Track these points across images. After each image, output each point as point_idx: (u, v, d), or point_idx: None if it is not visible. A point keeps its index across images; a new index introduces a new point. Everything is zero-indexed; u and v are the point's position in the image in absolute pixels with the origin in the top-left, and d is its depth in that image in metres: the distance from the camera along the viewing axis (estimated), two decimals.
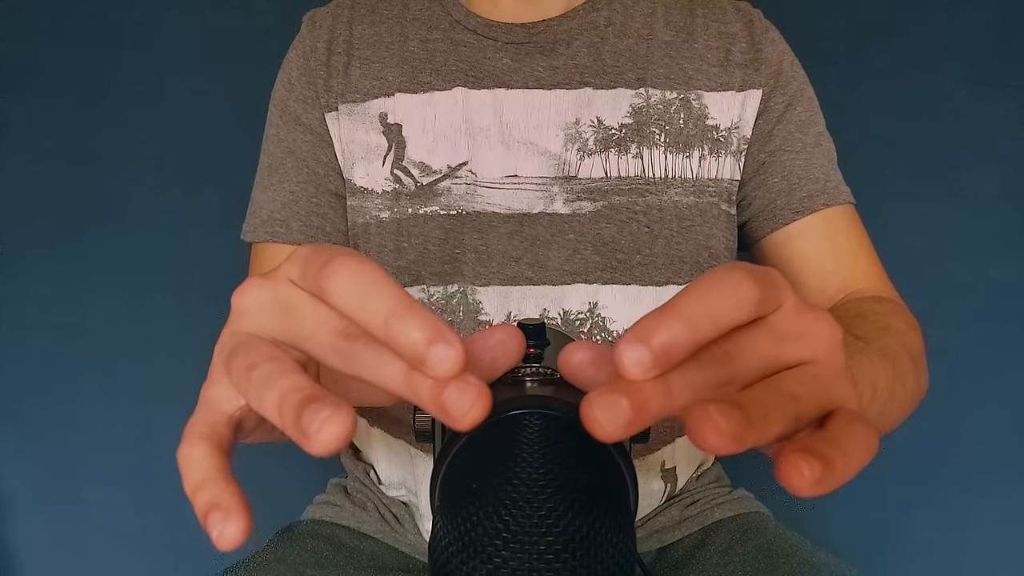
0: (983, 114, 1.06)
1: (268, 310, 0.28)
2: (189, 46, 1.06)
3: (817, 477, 0.23)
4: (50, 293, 1.07)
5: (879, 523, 1.10)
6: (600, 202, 0.64)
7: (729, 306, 0.25)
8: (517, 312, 0.63)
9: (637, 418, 0.23)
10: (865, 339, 0.46)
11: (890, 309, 0.59)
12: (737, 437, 0.22)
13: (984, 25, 1.05)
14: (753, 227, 0.68)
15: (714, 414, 0.22)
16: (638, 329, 0.24)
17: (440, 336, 0.23)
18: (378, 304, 0.24)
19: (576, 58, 0.66)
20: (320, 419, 0.23)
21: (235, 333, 0.28)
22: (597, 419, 0.23)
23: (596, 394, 0.23)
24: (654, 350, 0.23)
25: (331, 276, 0.25)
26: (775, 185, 0.66)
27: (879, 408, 0.41)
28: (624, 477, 0.28)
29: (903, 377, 0.47)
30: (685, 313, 0.24)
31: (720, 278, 0.25)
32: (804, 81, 0.69)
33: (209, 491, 0.25)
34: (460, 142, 0.65)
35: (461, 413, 0.24)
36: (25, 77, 1.06)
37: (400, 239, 0.64)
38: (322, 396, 0.24)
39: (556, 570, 0.24)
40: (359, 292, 0.25)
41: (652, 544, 0.67)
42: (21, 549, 1.11)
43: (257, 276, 0.29)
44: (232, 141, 1.04)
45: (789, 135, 0.66)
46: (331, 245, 0.28)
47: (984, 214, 1.07)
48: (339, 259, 0.25)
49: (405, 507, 0.70)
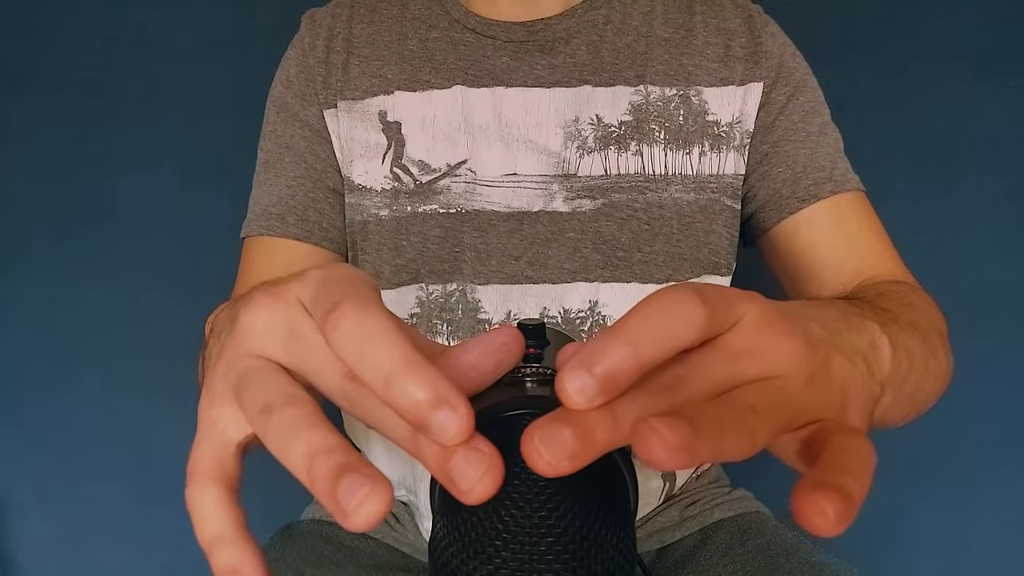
0: (983, 114, 1.06)
1: (276, 335, 0.26)
2: (188, 46, 1.06)
3: (841, 512, 0.21)
4: (50, 293, 1.07)
5: (879, 523, 1.10)
6: (600, 200, 0.64)
7: (676, 328, 0.23)
8: (517, 311, 0.63)
9: (582, 450, 0.22)
10: (892, 312, 0.44)
11: (910, 290, 0.57)
12: (686, 449, 0.21)
13: (984, 25, 1.05)
14: (760, 218, 0.68)
15: (658, 427, 0.21)
16: (581, 356, 0.22)
17: (443, 400, 0.22)
18: (380, 360, 0.22)
19: (575, 56, 0.66)
20: (359, 497, 0.21)
21: (241, 356, 0.27)
22: (538, 451, 0.22)
23: (537, 423, 0.22)
24: (598, 377, 0.22)
25: (336, 323, 0.23)
26: (780, 175, 0.66)
27: (916, 380, 0.39)
28: (624, 477, 0.28)
29: (935, 351, 0.45)
30: (629, 336, 0.23)
31: (665, 298, 0.24)
32: (807, 72, 0.69)
33: (227, 553, 0.24)
34: (459, 140, 0.65)
35: (468, 487, 0.22)
36: (25, 77, 1.06)
37: (399, 237, 0.64)
38: (358, 466, 0.22)
39: (556, 570, 0.24)
40: (361, 345, 0.23)
41: (652, 544, 0.67)
42: (20, 549, 1.11)
43: (267, 292, 0.27)
44: (231, 141, 1.04)
45: (792, 125, 0.66)
46: (343, 273, 0.26)
47: (984, 214, 1.07)
48: (345, 305, 0.23)
49: (405, 507, 0.70)
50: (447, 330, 0.63)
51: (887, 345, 0.34)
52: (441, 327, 0.63)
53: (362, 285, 0.25)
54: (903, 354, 0.36)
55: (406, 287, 0.64)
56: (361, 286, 0.25)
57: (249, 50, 1.04)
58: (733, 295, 0.26)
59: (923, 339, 0.43)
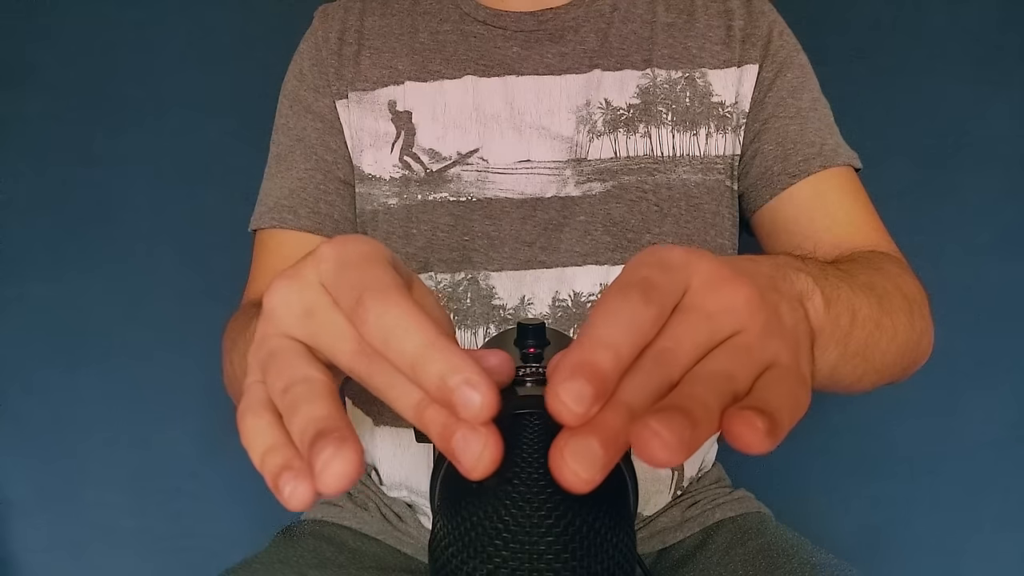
0: (983, 114, 1.06)
1: (292, 313, 0.28)
2: (189, 46, 1.06)
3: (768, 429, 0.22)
4: (50, 293, 1.07)
5: (879, 523, 1.10)
6: (610, 182, 0.64)
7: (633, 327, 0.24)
8: (530, 296, 0.63)
9: (612, 457, 0.22)
10: (850, 273, 0.44)
11: (883, 257, 0.57)
12: (686, 444, 0.21)
13: (984, 25, 1.05)
14: (752, 197, 0.67)
15: (658, 428, 0.21)
16: (561, 371, 0.23)
17: (465, 379, 0.23)
18: (405, 346, 0.24)
19: (584, 43, 0.67)
20: (324, 456, 0.23)
21: (269, 336, 0.28)
22: (572, 469, 0.22)
23: (561, 439, 0.22)
24: (587, 376, 0.22)
25: (362, 318, 0.25)
26: (770, 152, 0.65)
27: (864, 337, 0.39)
28: (624, 477, 0.28)
29: (892, 312, 0.45)
30: (595, 334, 0.23)
31: (613, 304, 0.24)
32: (794, 48, 0.69)
33: (281, 454, 0.25)
34: (471, 129, 0.65)
35: (471, 463, 0.23)
36: (25, 77, 1.06)
37: (409, 225, 0.65)
38: (331, 430, 0.24)
39: (556, 570, 0.24)
40: (386, 336, 0.24)
41: (654, 545, 0.67)
42: (20, 551, 1.11)
43: (285, 275, 0.29)
44: (232, 141, 1.04)
45: (781, 101, 0.66)
46: (358, 250, 0.28)
47: (984, 214, 1.07)
48: (366, 299, 0.25)
49: (408, 508, 0.70)
50: (454, 319, 0.64)
51: (819, 297, 0.34)
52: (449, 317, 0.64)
53: (377, 264, 0.27)
54: (843, 309, 0.37)
55: None
56: (377, 266, 0.26)
57: (249, 50, 1.05)
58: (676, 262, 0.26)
59: (878, 299, 0.43)
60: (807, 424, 0.30)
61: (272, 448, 0.25)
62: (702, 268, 0.26)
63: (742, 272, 0.27)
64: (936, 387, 1.04)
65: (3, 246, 1.07)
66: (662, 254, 0.26)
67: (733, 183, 0.67)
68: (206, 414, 1.06)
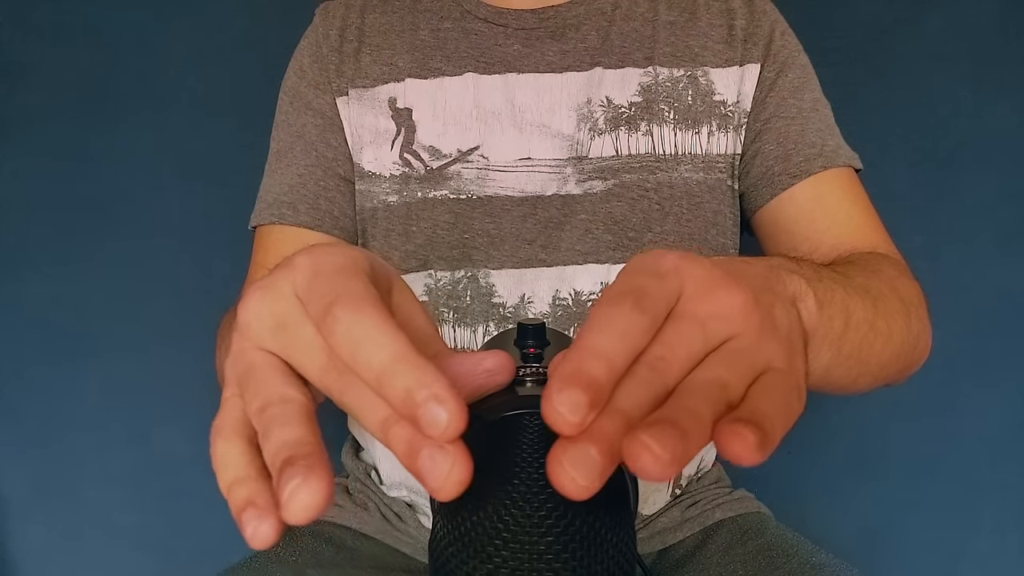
0: (983, 114, 1.06)
1: (265, 325, 0.27)
2: (189, 45, 1.06)
3: (759, 442, 0.22)
4: (48, 290, 1.07)
5: (880, 523, 1.10)
6: (611, 180, 0.64)
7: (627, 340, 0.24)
8: (531, 294, 0.63)
9: (609, 464, 0.22)
10: (845, 275, 0.44)
11: (881, 259, 0.57)
12: (678, 458, 0.21)
13: (984, 25, 1.05)
14: (752, 197, 0.68)
15: (649, 442, 0.21)
16: (556, 380, 0.22)
17: (432, 395, 0.22)
18: (372, 359, 0.23)
19: (586, 41, 0.67)
20: (290, 487, 0.22)
21: (244, 350, 0.27)
22: (571, 477, 0.21)
23: (558, 448, 0.22)
24: (582, 385, 0.22)
25: (330, 328, 0.24)
26: (771, 152, 0.65)
27: (858, 340, 0.39)
28: (624, 477, 0.28)
29: (888, 315, 0.45)
30: (588, 343, 0.23)
31: (602, 299, 0.25)
32: (796, 48, 0.69)
33: (246, 488, 0.24)
34: (471, 126, 0.65)
35: (436, 484, 0.22)
36: (25, 76, 1.05)
37: (409, 223, 0.65)
38: (300, 457, 0.23)
39: (556, 570, 0.24)
40: (354, 348, 0.24)
41: (654, 545, 0.67)
42: (19, 550, 1.10)
43: (258, 285, 0.28)
44: (232, 140, 1.04)
45: (783, 101, 0.66)
46: (333, 261, 0.27)
47: (984, 214, 1.07)
48: (336, 309, 0.24)
49: (408, 508, 0.70)
50: (453, 317, 0.63)
51: (812, 299, 0.34)
52: (448, 314, 0.64)
53: (352, 276, 0.26)
54: (836, 311, 0.36)
55: (415, 274, 0.65)
56: (351, 277, 0.26)
57: (250, 50, 1.04)
58: (668, 269, 0.26)
59: (874, 302, 0.43)
60: (806, 424, 0.30)
61: (238, 481, 0.25)
62: (695, 273, 0.26)
63: (736, 275, 0.27)
64: (935, 387, 1.04)
65: (3, 246, 1.07)
66: (655, 261, 0.26)
67: (734, 182, 0.67)
68: (204, 411, 1.05)
